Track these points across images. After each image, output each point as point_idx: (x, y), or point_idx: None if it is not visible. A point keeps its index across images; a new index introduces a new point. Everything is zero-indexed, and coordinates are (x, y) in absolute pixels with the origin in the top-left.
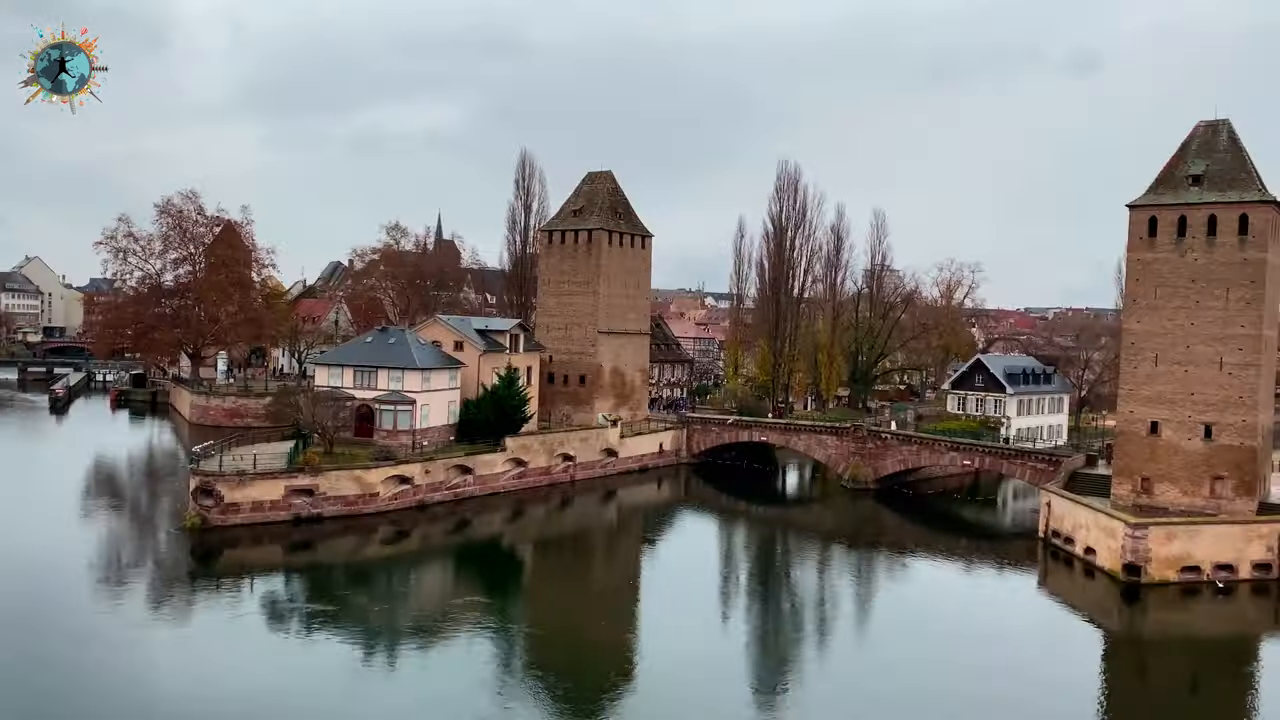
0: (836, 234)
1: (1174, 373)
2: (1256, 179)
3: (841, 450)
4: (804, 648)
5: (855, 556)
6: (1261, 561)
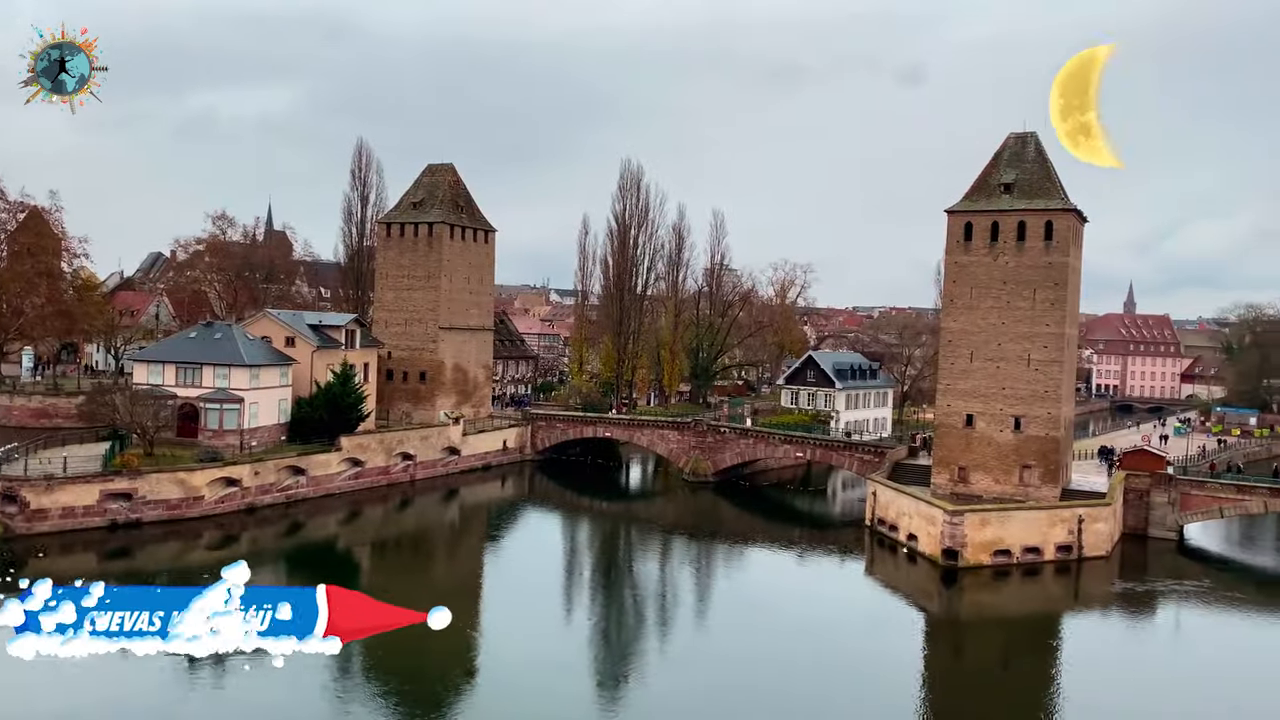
0: (678, 233)
1: (987, 368)
2: (1059, 188)
3: (683, 444)
4: (646, 641)
5: (695, 548)
6: (1063, 544)
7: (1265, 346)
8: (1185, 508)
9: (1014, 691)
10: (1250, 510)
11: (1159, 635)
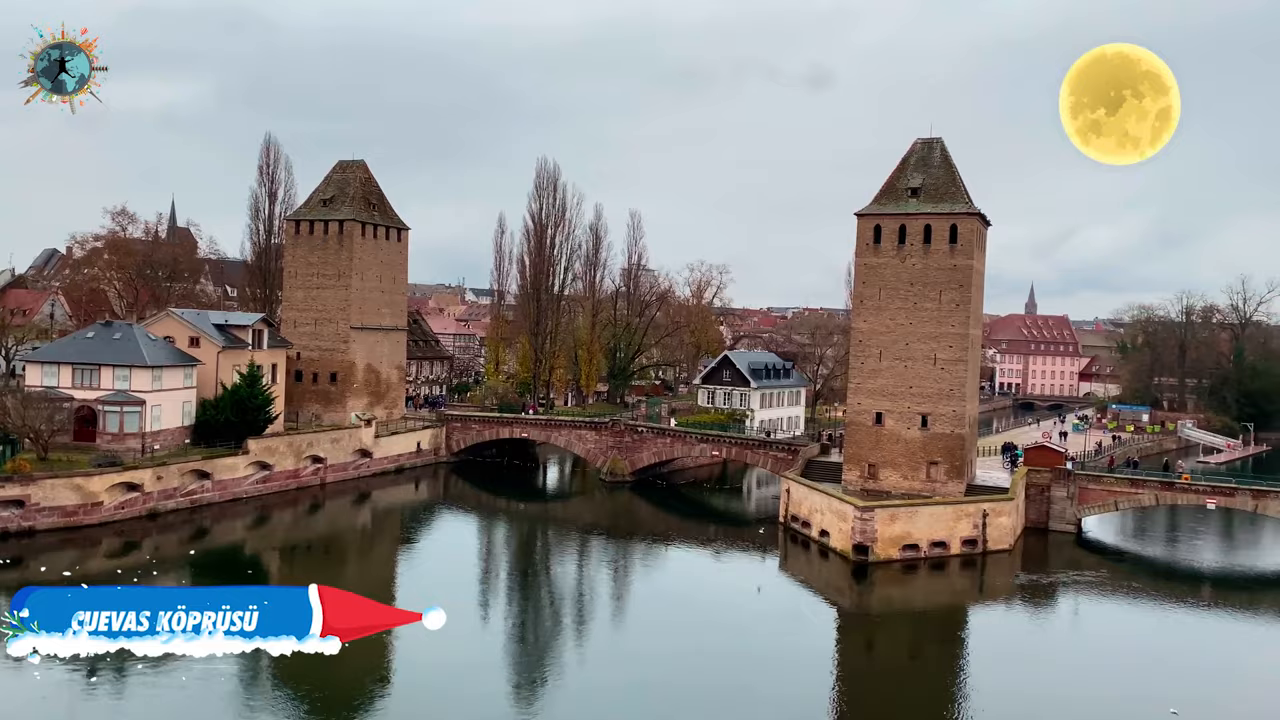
0: (595, 233)
1: (895, 368)
2: (964, 192)
3: (600, 444)
4: (563, 641)
5: (613, 548)
6: (969, 538)
7: (1156, 346)
8: (1083, 501)
9: (922, 681)
10: (1143, 503)
11: (1059, 624)
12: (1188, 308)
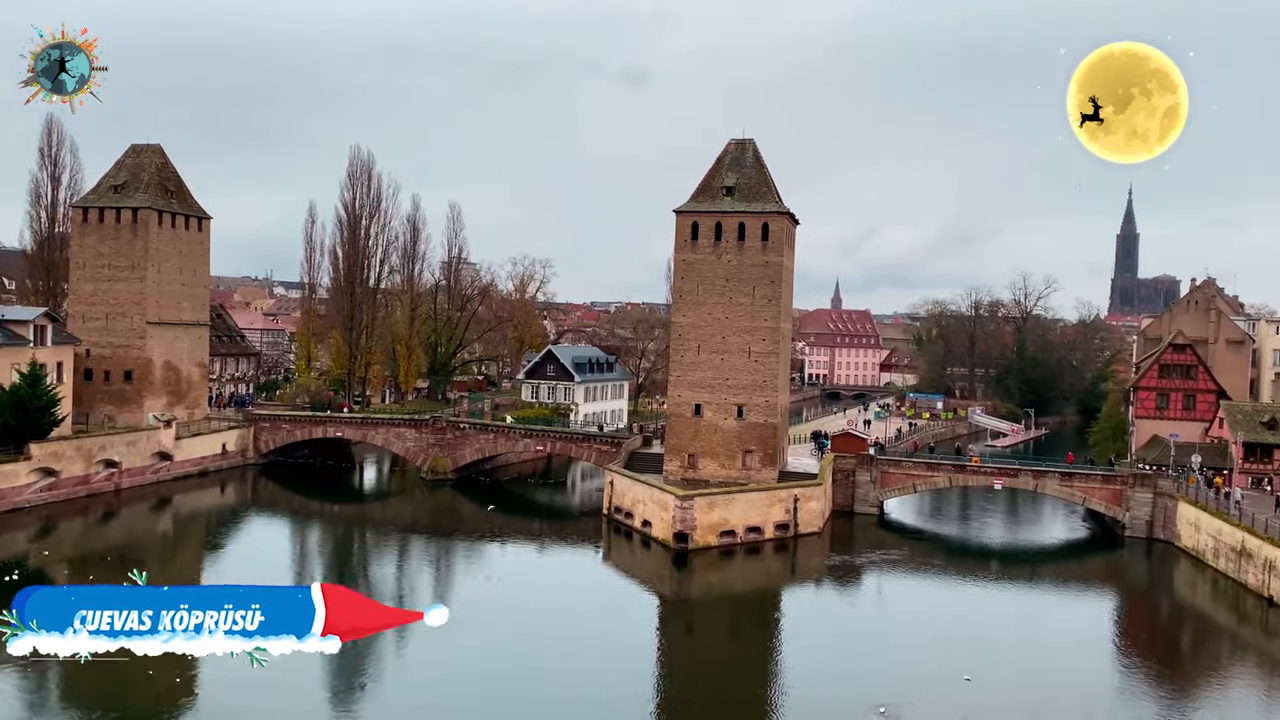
0: (413, 225)
1: (713, 360)
2: (774, 192)
3: (421, 442)
4: (381, 645)
5: (435, 547)
6: (781, 522)
7: (948, 339)
8: (885, 485)
9: (740, 662)
10: (938, 485)
11: (865, 601)
12: (976, 303)
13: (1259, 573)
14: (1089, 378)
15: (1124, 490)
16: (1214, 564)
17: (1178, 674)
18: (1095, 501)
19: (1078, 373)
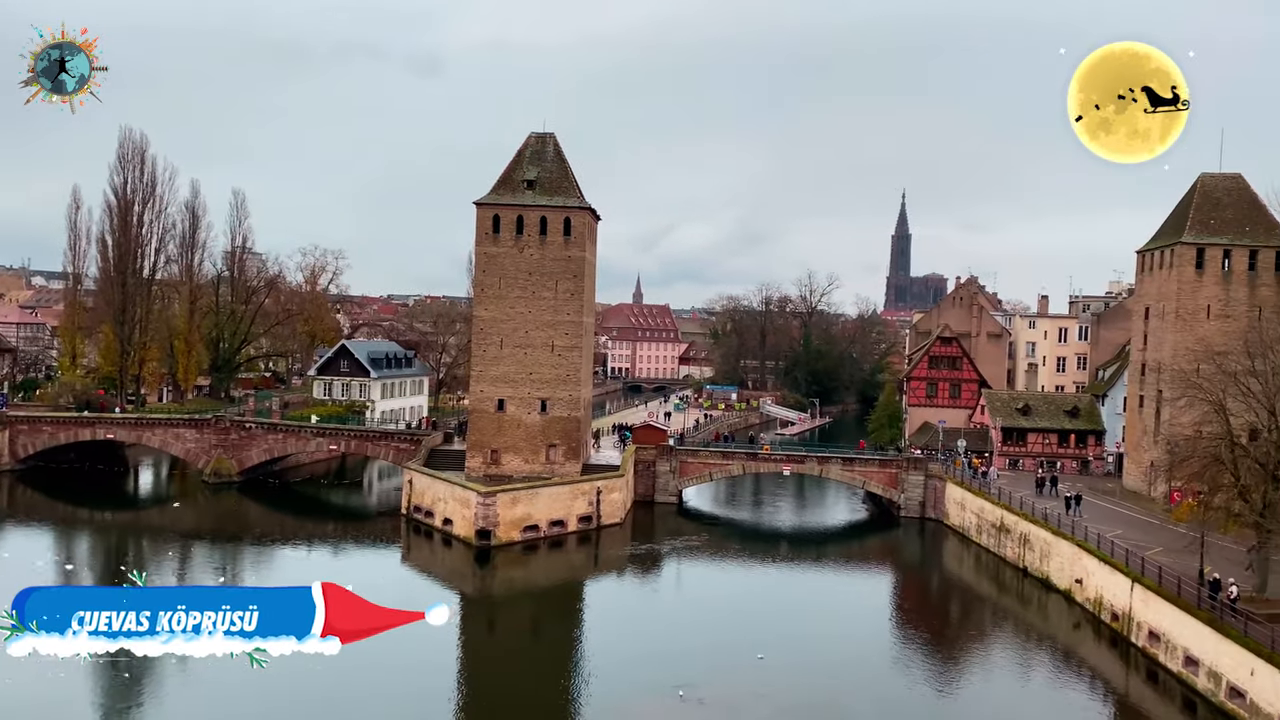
0: (192, 212)
1: (516, 355)
2: (576, 187)
3: (203, 443)
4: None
5: (218, 553)
6: (584, 514)
7: (742, 333)
8: (684, 474)
9: (543, 656)
10: (733, 473)
11: (665, 587)
12: (767, 299)
13: (1015, 546)
14: (867, 369)
15: (899, 474)
16: (978, 539)
17: (948, 641)
18: (874, 485)
19: (857, 364)
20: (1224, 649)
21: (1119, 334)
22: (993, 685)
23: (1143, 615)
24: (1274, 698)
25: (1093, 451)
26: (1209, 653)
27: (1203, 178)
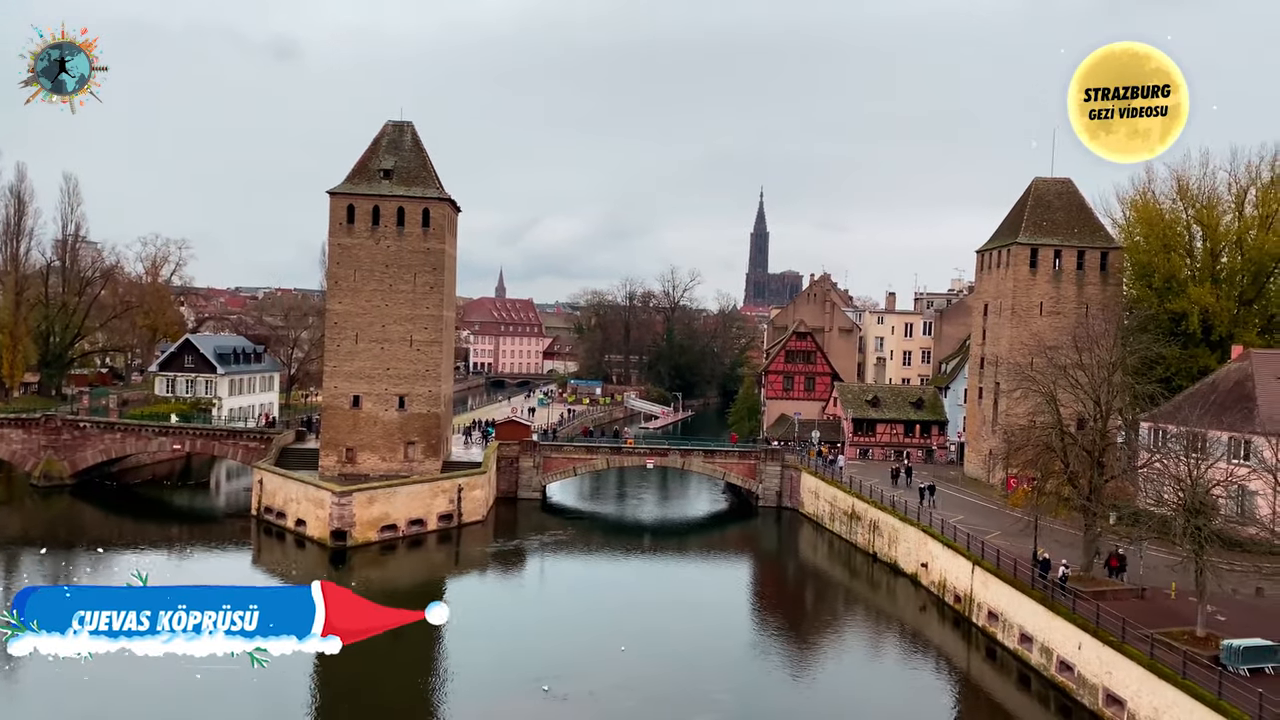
0: (18, 197)
1: (373, 350)
2: (435, 178)
3: (31, 444)
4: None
5: (49, 560)
6: (445, 512)
7: (606, 328)
8: (547, 470)
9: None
10: (597, 467)
11: (529, 584)
12: (630, 294)
13: (866, 533)
14: (728, 363)
15: (757, 464)
16: (831, 527)
17: (803, 626)
18: (734, 476)
19: (719, 359)
20: (1054, 625)
21: (960, 329)
22: (845, 667)
23: (983, 596)
24: (1098, 669)
25: (936, 441)
26: (1041, 629)
27: (1036, 182)
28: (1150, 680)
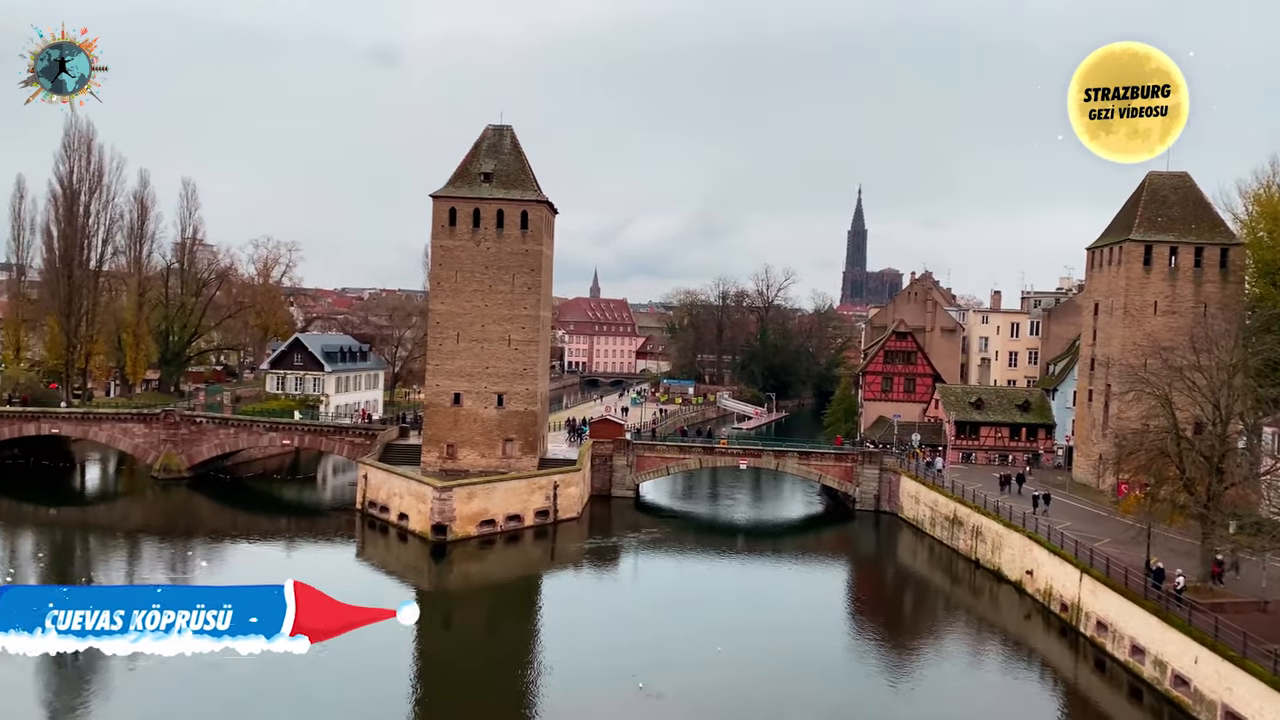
0: (141, 202)
1: (473, 349)
2: (533, 180)
3: (151, 438)
4: (104, 657)
5: (169, 550)
6: (541, 509)
7: (699, 327)
8: (641, 468)
9: (500, 650)
10: (690, 467)
11: (623, 581)
12: (724, 293)
13: (968, 538)
14: (824, 363)
15: (854, 467)
16: (931, 532)
17: (902, 632)
18: (829, 478)
19: (814, 359)
20: (1169, 637)
21: (1069, 329)
22: (945, 675)
23: (1091, 605)
24: (1217, 684)
25: (1043, 445)
26: (1155, 641)
27: (1150, 176)
28: (1274, 698)
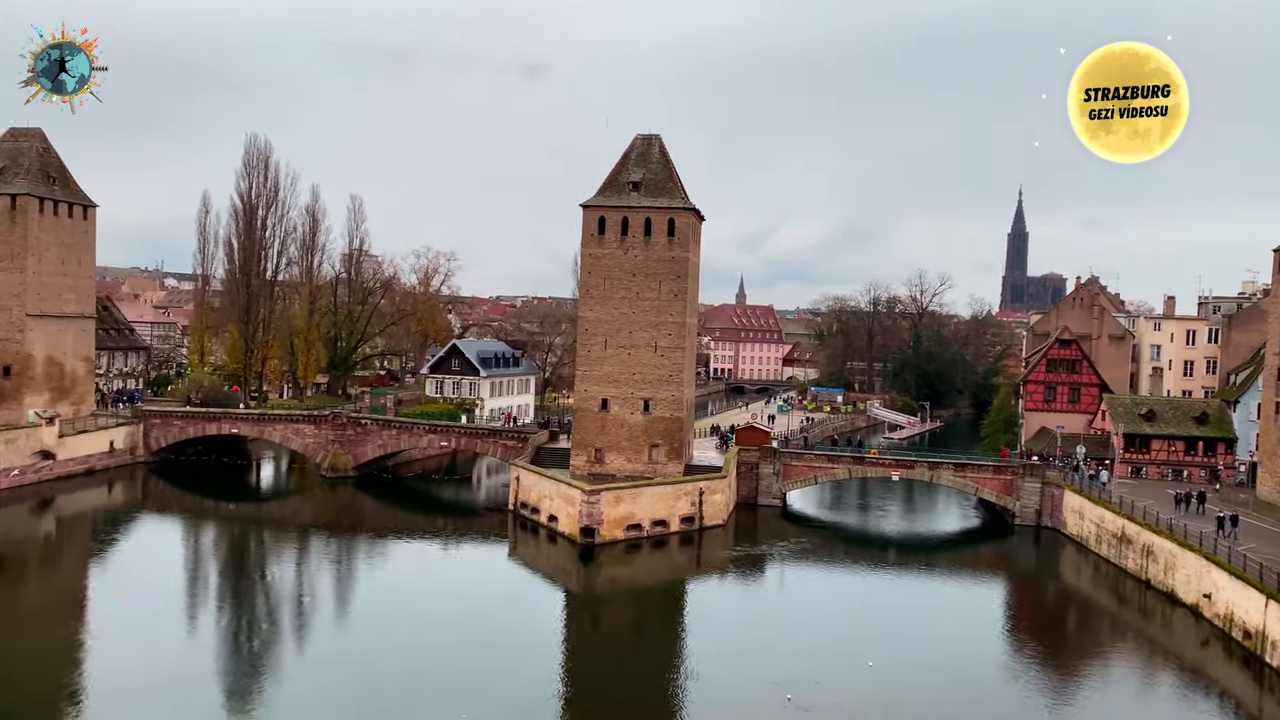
0: (312, 215)
1: (620, 355)
2: (680, 188)
3: (320, 438)
4: (282, 647)
5: (336, 545)
6: (687, 515)
7: (848, 334)
8: (787, 477)
9: (646, 653)
10: (838, 477)
11: (769, 591)
12: (874, 299)
13: (1137, 557)
14: (981, 372)
15: (1014, 480)
16: (1097, 550)
17: (1064, 655)
18: (987, 491)
19: (970, 367)
20: None
21: (1253, 336)
22: (1111, 701)
23: (1279, 633)
24: None
25: (1222, 460)
26: None
27: None
28: None
